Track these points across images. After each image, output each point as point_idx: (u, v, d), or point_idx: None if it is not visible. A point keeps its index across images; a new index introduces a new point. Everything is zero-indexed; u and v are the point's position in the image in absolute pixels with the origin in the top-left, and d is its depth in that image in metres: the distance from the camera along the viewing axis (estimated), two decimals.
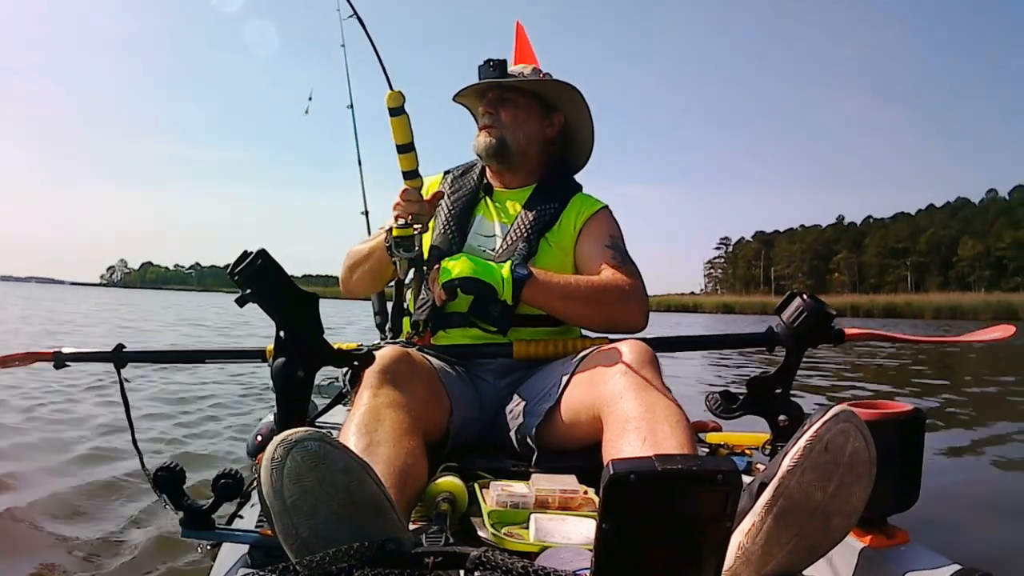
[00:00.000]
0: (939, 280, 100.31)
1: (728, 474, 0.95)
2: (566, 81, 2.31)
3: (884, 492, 1.37)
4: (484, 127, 2.34)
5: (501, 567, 0.95)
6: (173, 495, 1.41)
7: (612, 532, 0.96)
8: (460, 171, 2.48)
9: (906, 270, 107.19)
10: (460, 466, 1.74)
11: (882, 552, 1.53)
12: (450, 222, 2.30)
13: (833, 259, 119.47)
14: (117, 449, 3.90)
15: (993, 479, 4.31)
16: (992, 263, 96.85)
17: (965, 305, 56.05)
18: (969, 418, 6.09)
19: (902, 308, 56.52)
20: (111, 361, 2.16)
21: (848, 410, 1.21)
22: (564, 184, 2.41)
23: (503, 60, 2.29)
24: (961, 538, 3.05)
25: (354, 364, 1.66)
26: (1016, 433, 5.53)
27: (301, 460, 1.05)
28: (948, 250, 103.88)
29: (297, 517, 1.04)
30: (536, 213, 2.27)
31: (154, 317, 20.70)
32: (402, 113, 1.84)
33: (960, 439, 5.28)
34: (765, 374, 1.90)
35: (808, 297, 1.88)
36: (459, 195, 2.37)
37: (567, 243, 2.27)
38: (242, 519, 1.86)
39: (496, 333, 2.12)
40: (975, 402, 7.85)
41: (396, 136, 1.88)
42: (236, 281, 1.50)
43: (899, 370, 11.17)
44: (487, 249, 2.24)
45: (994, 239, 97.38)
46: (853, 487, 1.20)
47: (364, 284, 2.38)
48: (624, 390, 1.68)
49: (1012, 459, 4.65)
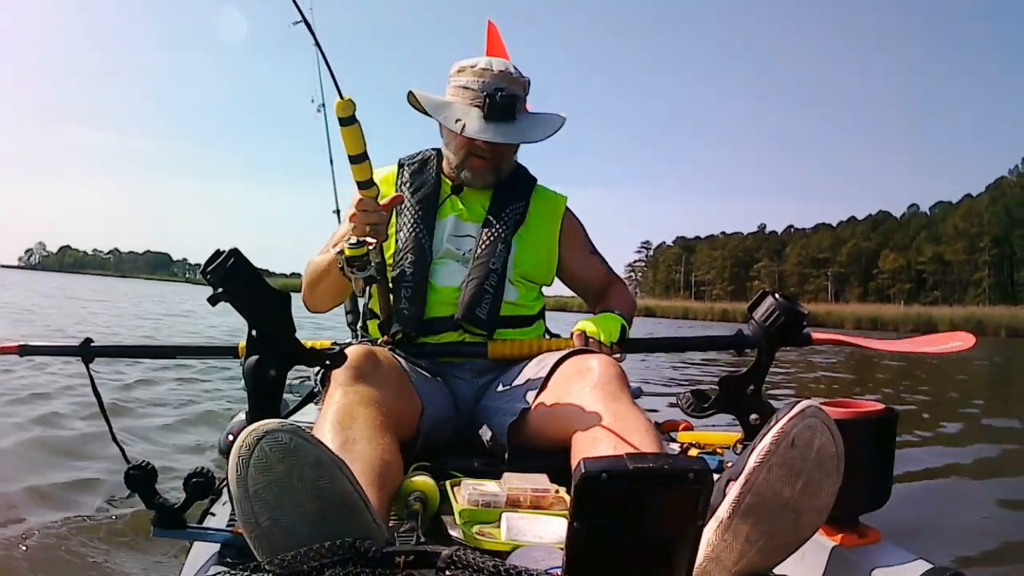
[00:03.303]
0: (859, 291, 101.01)
1: (699, 472, 0.95)
2: (562, 116, 2.29)
3: (855, 491, 1.38)
4: (480, 160, 2.24)
5: (473, 566, 0.95)
6: (145, 493, 1.40)
7: (583, 530, 0.96)
8: (416, 164, 2.39)
9: (826, 280, 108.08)
10: (432, 465, 1.74)
11: (853, 551, 1.54)
12: (417, 223, 2.24)
13: (754, 267, 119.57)
14: (86, 439, 3.87)
15: (965, 478, 4.35)
16: (912, 276, 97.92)
17: (885, 316, 56.60)
18: (940, 418, 6.14)
19: (823, 317, 56.75)
20: (78, 356, 2.12)
21: (815, 406, 1.22)
22: (523, 179, 2.41)
23: (511, 100, 2.17)
24: (932, 537, 3.08)
25: (326, 363, 1.65)
26: (986, 432, 5.58)
27: (270, 451, 1.05)
28: (869, 262, 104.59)
29: (258, 506, 1.04)
30: (507, 213, 2.27)
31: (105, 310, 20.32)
32: (354, 122, 1.78)
33: (932, 439, 5.33)
34: (737, 373, 1.91)
35: (781, 296, 1.88)
36: (421, 192, 2.30)
37: (539, 239, 2.31)
38: (214, 517, 1.85)
39: (484, 336, 2.15)
40: (945, 401, 7.93)
41: (348, 147, 1.80)
42: (208, 280, 1.49)
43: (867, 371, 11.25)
44: (464, 251, 2.22)
45: (915, 253, 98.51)
46: (821, 483, 1.21)
47: (327, 300, 2.30)
48: (594, 402, 1.72)
49: (985, 458, 4.70)
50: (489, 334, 2.15)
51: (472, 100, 2.18)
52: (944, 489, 3.96)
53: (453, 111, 2.19)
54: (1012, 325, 46.09)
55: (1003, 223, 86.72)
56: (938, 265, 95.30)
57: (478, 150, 2.22)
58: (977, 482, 4.30)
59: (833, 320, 53.91)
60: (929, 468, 4.44)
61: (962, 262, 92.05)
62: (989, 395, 8.30)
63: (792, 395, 7.17)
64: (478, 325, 2.13)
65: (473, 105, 2.17)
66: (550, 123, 2.27)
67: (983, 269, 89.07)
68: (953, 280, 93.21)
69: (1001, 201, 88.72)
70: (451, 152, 2.29)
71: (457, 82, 2.24)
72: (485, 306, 2.12)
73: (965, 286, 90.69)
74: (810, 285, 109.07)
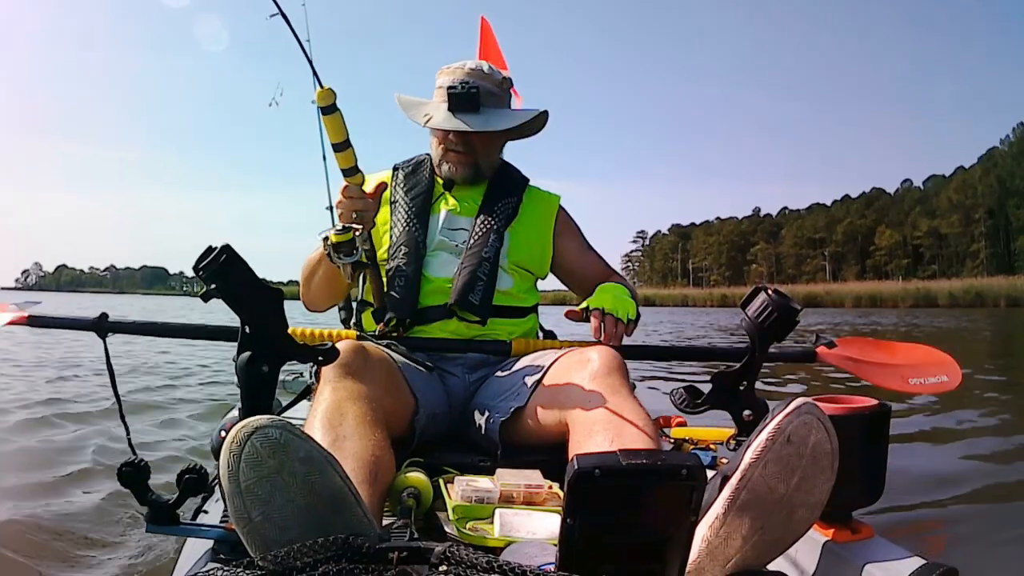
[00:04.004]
0: (857, 269, 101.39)
1: (692, 468, 0.95)
2: (541, 111, 2.32)
3: (849, 486, 1.38)
4: (455, 153, 2.29)
5: (466, 562, 0.95)
6: (138, 490, 1.40)
7: (577, 527, 0.96)
8: (410, 166, 2.43)
9: (824, 260, 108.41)
10: (425, 461, 1.74)
11: (846, 546, 1.54)
12: (411, 218, 2.27)
13: (750, 251, 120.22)
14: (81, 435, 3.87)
15: (959, 474, 4.35)
16: (909, 252, 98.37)
17: (884, 293, 56.98)
18: (935, 412, 6.13)
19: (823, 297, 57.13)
20: (92, 330, 2.11)
21: (810, 403, 1.22)
22: (514, 178, 2.44)
23: (474, 90, 2.21)
24: (926, 533, 3.08)
25: (318, 359, 1.65)
26: (982, 428, 5.58)
27: (260, 446, 1.05)
28: (865, 240, 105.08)
29: (250, 501, 1.04)
30: (499, 207, 2.30)
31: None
32: (335, 111, 1.81)
33: (927, 434, 5.32)
34: (730, 368, 1.91)
35: (774, 292, 1.88)
36: (416, 191, 2.34)
37: (531, 231, 2.34)
38: (207, 514, 1.84)
39: (477, 323, 2.16)
40: (942, 396, 7.93)
41: (330, 135, 1.84)
42: (201, 277, 1.49)
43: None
44: (458, 243, 2.24)
45: (910, 228, 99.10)
46: (816, 479, 1.21)
47: (323, 295, 2.33)
48: (592, 395, 1.71)
49: (980, 454, 4.69)
50: (483, 320, 2.16)
51: (443, 97, 2.24)
52: (938, 485, 3.96)
53: (423, 108, 2.28)
54: (1011, 295, 46.22)
55: (996, 194, 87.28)
56: (934, 239, 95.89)
57: (451, 144, 2.28)
58: (971, 478, 4.29)
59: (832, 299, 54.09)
60: (923, 464, 4.44)
61: (958, 235, 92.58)
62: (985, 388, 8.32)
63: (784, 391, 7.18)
64: (471, 311, 2.14)
65: (442, 101, 2.25)
66: (517, 116, 2.31)
67: (979, 241, 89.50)
68: (950, 253, 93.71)
69: (994, 172, 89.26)
70: (432, 150, 2.37)
71: (437, 83, 2.30)
72: (479, 292, 2.14)
73: (962, 258, 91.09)
74: (807, 266, 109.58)
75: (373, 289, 2.17)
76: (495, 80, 2.28)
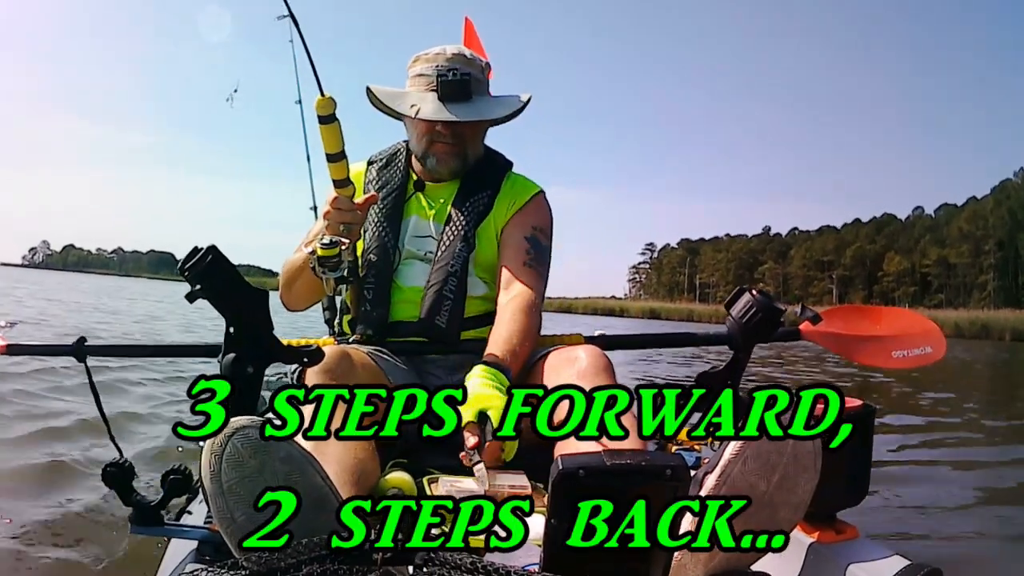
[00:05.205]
0: (864, 294, 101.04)
1: (676, 469, 0.96)
2: (524, 99, 2.23)
3: (833, 487, 1.39)
4: (444, 145, 2.15)
5: (450, 563, 0.95)
6: (122, 491, 1.40)
7: (561, 527, 0.96)
8: (384, 160, 2.30)
9: (831, 283, 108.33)
10: (409, 462, 1.73)
11: (831, 547, 1.55)
12: (382, 223, 2.18)
13: (758, 269, 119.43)
14: (63, 435, 3.85)
15: (943, 476, 4.38)
16: (917, 279, 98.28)
17: None
18: (920, 414, 6.17)
19: None
20: (72, 355, 2.09)
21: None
22: (493, 164, 2.30)
23: (466, 77, 2.11)
24: (910, 534, 3.09)
25: (303, 361, 1.64)
26: (967, 431, 5.61)
27: (241, 447, 1.06)
28: (873, 265, 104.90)
29: (233, 501, 1.05)
30: (470, 204, 2.18)
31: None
32: (333, 121, 1.79)
33: (911, 436, 5.35)
34: (715, 369, 1.91)
35: (758, 292, 1.88)
36: (387, 190, 2.23)
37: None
38: (191, 515, 1.84)
39: (447, 344, 2.09)
40: (927, 399, 7.97)
41: (326, 145, 1.82)
42: (186, 277, 1.49)
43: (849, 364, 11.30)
44: (426, 252, 2.15)
45: (919, 256, 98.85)
46: (798, 478, 1.21)
47: (303, 298, 2.24)
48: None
49: (964, 459, 4.73)
50: (450, 343, 2.08)
51: (427, 86, 2.12)
52: (922, 486, 3.98)
53: (408, 98, 2.15)
54: (1017, 328, 46.21)
55: (1008, 226, 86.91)
56: (943, 268, 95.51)
57: (439, 136, 2.15)
58: (955, 480, 4.32)
59: None
60: (907, 465, 4.46)
61: (967, 265, 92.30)
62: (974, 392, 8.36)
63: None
64: (438, 335, 2.08)
65: (429, 90, 2.12)
66: (509, 103, 2.21)
67: (988, 272, 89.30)
68: (958, 283, 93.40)
69: (1006, 204, 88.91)
70: (415, 142, 2.22)
71: (413, 71, 2.18)
72: (445, 313, 2.06)
73: (970, 289, 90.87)
74: (814, 288, 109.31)
75: (351, 300, 2.14)
76: (478, 66, 2.19)
